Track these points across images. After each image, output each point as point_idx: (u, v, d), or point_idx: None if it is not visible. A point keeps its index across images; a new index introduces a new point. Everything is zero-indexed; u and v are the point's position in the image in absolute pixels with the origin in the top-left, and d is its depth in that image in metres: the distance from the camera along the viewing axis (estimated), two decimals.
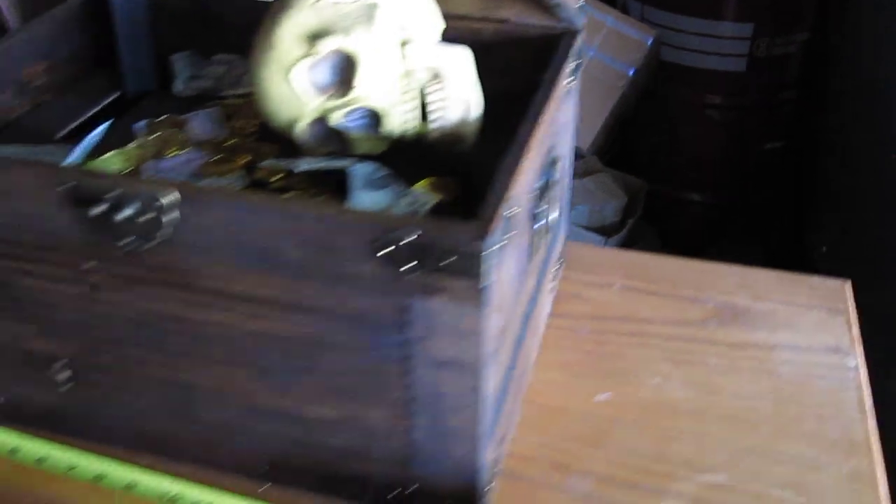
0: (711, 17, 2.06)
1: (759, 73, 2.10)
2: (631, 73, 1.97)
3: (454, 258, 0.47)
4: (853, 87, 1.90)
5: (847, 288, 0.81)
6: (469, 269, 0.47)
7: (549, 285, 0.77)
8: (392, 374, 0.54)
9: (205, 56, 0.79)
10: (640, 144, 2.28)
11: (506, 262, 0.52)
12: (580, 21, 0.69)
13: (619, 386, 0.71)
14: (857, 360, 0.74)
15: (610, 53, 1.97)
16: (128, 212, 0.52)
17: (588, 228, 1.89)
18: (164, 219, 0.52)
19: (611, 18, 1.98)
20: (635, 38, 1.97)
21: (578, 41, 0.68)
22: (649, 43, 1.97)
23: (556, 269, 0.79)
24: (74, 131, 0.73)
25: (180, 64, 0.77)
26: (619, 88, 1.96)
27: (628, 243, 1.93)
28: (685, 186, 2.30)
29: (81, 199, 0.53)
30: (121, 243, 0.54)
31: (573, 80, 0.69)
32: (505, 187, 0.50)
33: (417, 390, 0.54)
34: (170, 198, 0.51)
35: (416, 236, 0.47)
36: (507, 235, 0.51)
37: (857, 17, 1.95)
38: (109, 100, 0.76)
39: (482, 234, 0.47)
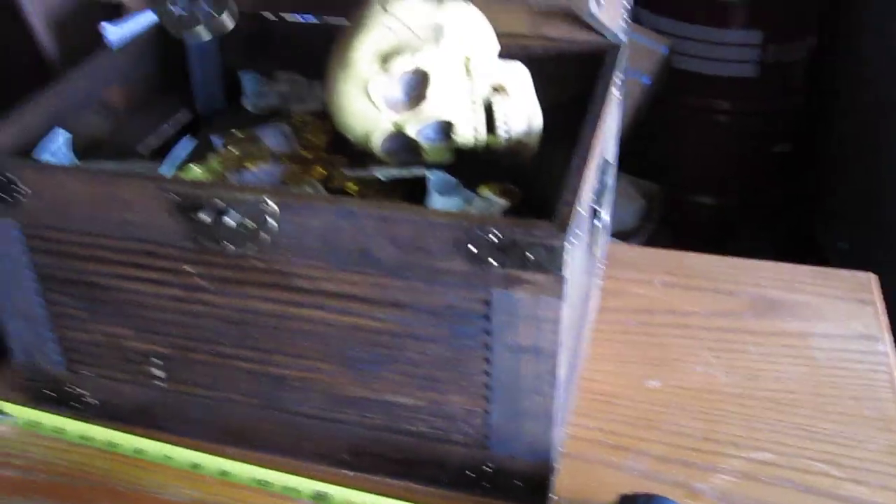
0: (720, 25, 2.12)
1: (768, 78, 2.15)
2: (645, 80, 2.02)
3: (535, 253, 0.53)
4: (861, 88, 1.95)
5: (874, 280, 0.87)
6: (550, 262, 0.53)
7: (598, 283, 0.82)
8: (473, 361, 0.59)
9: (268, 75, 0.85)
10: (651, 149, 2.33)
11: (577, 256, 0.57)
12: (623, 37, 0.74)
13: (667, 374, 0.77)
14: (887, 346, 0.79)
15: (624, 62, 2.02)
16: (232, 218, 0.57)
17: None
18: (266, 224, 0.57)
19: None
20: (650, 47, 2.03)
21: (623, 56, 0.74)
22: (664, 52, 2.02)
23: (603, 268, 0.84)
24: (154, 147, 0.78)
25: (248, 82, 0.83)
26: (635, 97, 2.02)
27: (647, 246, 1.98)
28: (696, 189, 2.36)
29: (188, 207, 0.58)
30: (224, 247, 0.59)
31: (619, 91, 0.74)
32: (576, 188, 0.56)
33: (496, 376, 0.59)
34: (272, 204, 0.56)
35: (501, 233, 0.53)
36: (579, 231, 0.56)
37: (861, 22, 2.01)
38: (182, 117, 0.82)
39: (562, 229, 0.52)
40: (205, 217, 0.58)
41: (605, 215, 0.71)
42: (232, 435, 0.69)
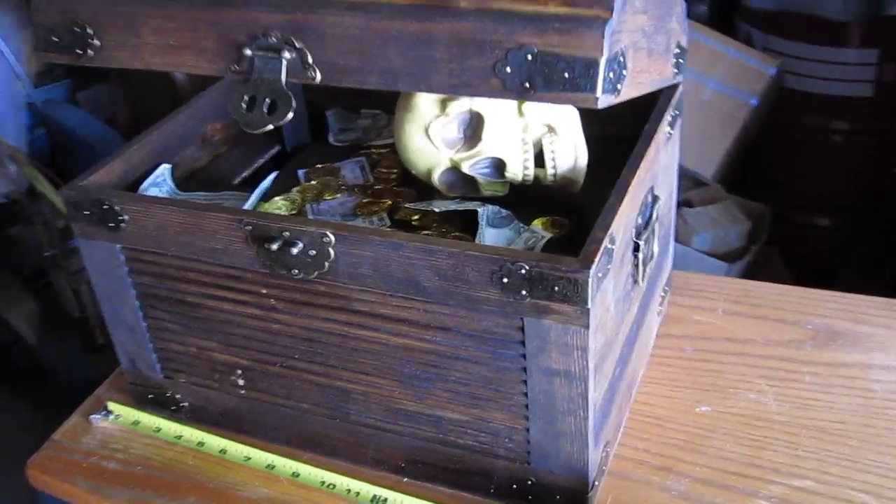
0: (836, 44, 2.09)
1: (886, 97, 2.10)
2: (753, 102, 2.01)
3: (561, 286, 0.57)
4: None
5: None
6: (574, 294, 0.58)
7: (657, 309, 0.85)
8: (512, 382, 0.64)
9: (354, 110, 0.92)
10: (765, 171, 2.31)
11: (608, 288, 0.62)
12: (679, 77, 0.78)
13: (718, 399, 0.79)
14: None
15: (732, 84, 2.02)
16: (298, 247, 0.64)
17: (711, 255, 1.93)
18: (326, 253, 0.64)
19: (732, 49, 2.03)
20: (757, 68, 2.02)
21: (676, 97, 0.77)
22: (772, 73, 2.01)
23: (663, 297, 0.88)
24: (246, 178, 0.86)
25: (332, 119, 0.91)
26: (741, 118, 2.01)
27: (752, 269, 1.97)
28: (812, 211, 2.32)
29: (261, 237, 0.66)
30: (292, 273, 0.66)
31: (671, 130, 0.78)
32: (606, 225, 0.60)
33: (533, 397, 0.64)
34: (330, 236, 0.63)
35: (529, 268, 0.58)
36: (608, 266, 0.60)
37: None
38: (272, 152, 0.90)
39: (585, 265, 0.57)
40: (276, 246, 0.65)
41: (654, 246, 0.74)
42: (303, 440, 0.77)
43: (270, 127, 0.64)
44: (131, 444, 0.81)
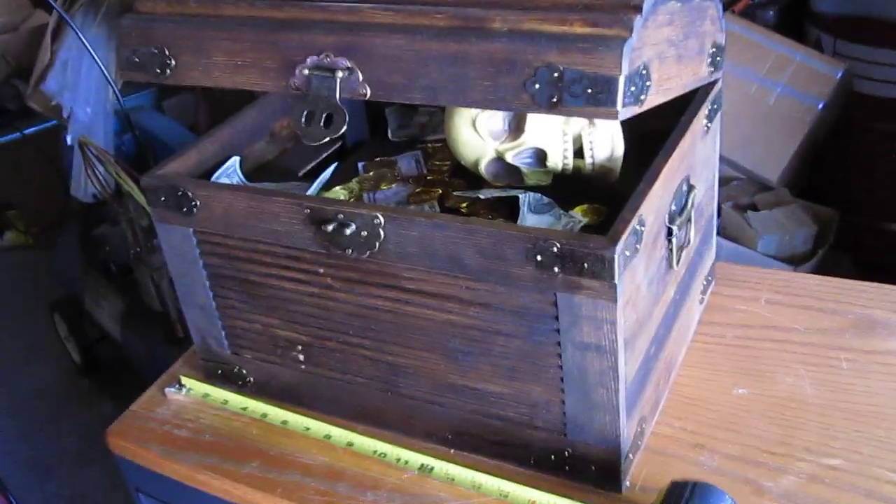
0: None
1: None
2: (820, 106, 2.01)
3: (590, 262, 0.62)
4: None
5: None
6: (602, 270, 0.62)
7: (698, 297, 0.89)
8: (547, 355, 0.69)
9: (409, 108, 0.98)
10: (833, 176, 2.29)
11: (637, 267, 0.66)
12: (717, 74, 0.81)
13: (756, 383, 0.82)
14: None
15: (799, 87, 2.02)
16: (351, 228, 0.70)
17: (776, 258, 1.94)
18: (377, 234, 0.69)
19: (799, 54, 2.03)
20: (824, 72, 2.01)
21: (714, 92, 0.80)
22: (839, 76, 2.00)
23: (706, 286, 0.91)
24: (310, 171, 0.93)
25: (391, 116, 0.96)
26: (807, 122, 2.01)
27: (819, 272, 1.96)
28: (883, 216, 2.29)
29: (318, 219, 0.71)
30: (346, 253, 0.72)
31: (709, 123, 0.81)
32: (635, 207, 0.64)
33: (567, 369, 0.68)
34: (381, 217, 0.69)
35: (560, 245, 0.62)
36: (637, 245, 0.64)
37: None
38: (335, 147, 0.96)
39: (612, 243, 0.61)
40: (331, 227, 0.71)
41: (690, 234, 0.78)
42: (357, 413, 0.82)
43: (327, 139, 0.70)
44: (201, 414, 0.87)
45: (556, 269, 0.64)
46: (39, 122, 2.64)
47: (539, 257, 0.64)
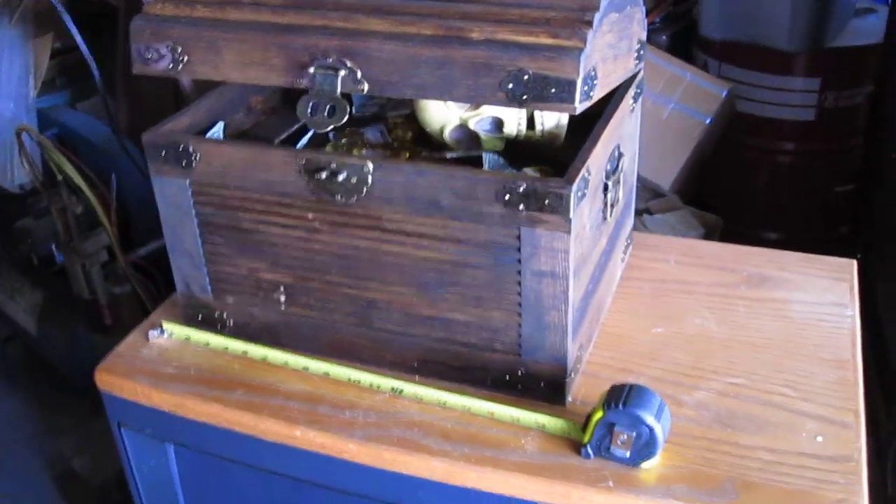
0: (783, 72, 2.31)
1: (828, 122, 2.33)
2: (707, 122, 2.23)
3: (550, 199, 0.75)
4: None
5: (853, 265, 1.06)
6: (559, 206, 0.76)
7: (621, 256, 1.04)
8: (509, 284, 0.82)
9: None
10: (719, 187, 2.52)
11: (584, 209, 0.80)
12: (640, 65, 0.97)
13: (670, 323, 0.98)
14: (854, 311, 0.98)
15: (688, 104, 2.23)
16: (342, 175, 0.82)
17: None
18: (365, 180, 0.81)
19: (689, 74, 2.25)
20: (711, 91, 2.24)
21: (637, 78, 0.96)
22: (724, 95, 2.23)
23: (626, 247, 1.06)
24: (284, 140, 1.04)
25: (355, 96, 1.09)
26: (696, 136, 2.23)
27: None
28: (762, 225, 2.53)
29: (312, 168, 0.83)
30: (335, 198, 0.83)
31: (634, 103, 0.97)
32: (584, 158, 0.79)
33: (525, 295, 0.82)
34: (370, 165, 0.81)
35: (526, 185, 0.76)
36: (585, 190, 0.79)
37: None
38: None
39: (569, 182, 0.75)
40: (324, 175, 0.82)
41: (620, 194, 0.93)
42: (332, 349, 0.93)
43: (331, 127, 0.81)
44: (184, 355, 0.97)
45: (521, 207, 0.77)
46: None
47: (507, 196, 0.77)
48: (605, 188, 0.88)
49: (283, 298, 0.93)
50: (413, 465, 0.82)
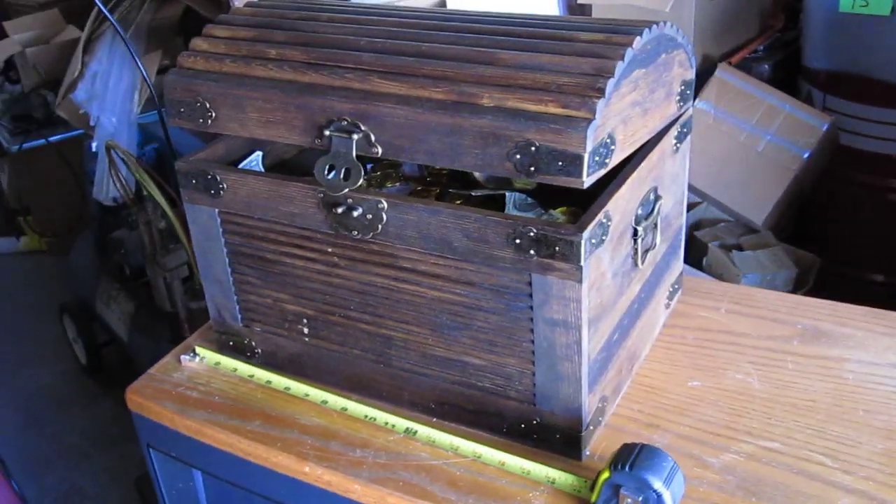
0: (893, 106, 2.19)
1: None
2: (806, 155, 2.12)
3: (561, 246, 0.72)
4: None
5: None
6: (571, 254, 0.72)
7: (664, 302, 0.99)
8: (522, 330, 0.79)
9: None
10: (821, 225, 2.40)
11: (602, 256, 0.76)
12: (686, 106, 0.92)
13: (709, 377, 0.92)
14: None
15: (786, 137, 2.13)
16: (358, 211, 0.80)
17: None
18: (380, 217, 0.80)
19: (788, 105, 2.15)
20: (811, 123, 2.13)
21: (683, 118, 0.92)
22: (825, 128, 2.12)
23: (672, 292, 1.01)
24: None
25: None
26: (793, 170, 2.12)
27: None
28: (867, 267, 2.39)
29: (330, 202, 0.82)
30: (352, 234, 0.82)
31: (678, 143, 0.92)
32: (602, 204, 0.75)
33: (538, 343, 0.78)
34: (384, 203, 0.79)
35: (536, 231, 0.73)
36: (602, 237, 0.75)
37: None
38: None
39: (580, 230, 0.72)
40: (340, 210, 0.81)
41: (656, 240, 0.88)
42: (352, 383, 0.92)
43: (346, 190, 0.81)
44: (212, 380, 0.97)
45: (531, 252, 0.74)
46: (64, 130, 2.76)
47: (518, 241, 0.74)
48: (635, 233, 0.83)
49: (306, 331, 0.93)
50: None
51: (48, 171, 3.12)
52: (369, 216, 0.81)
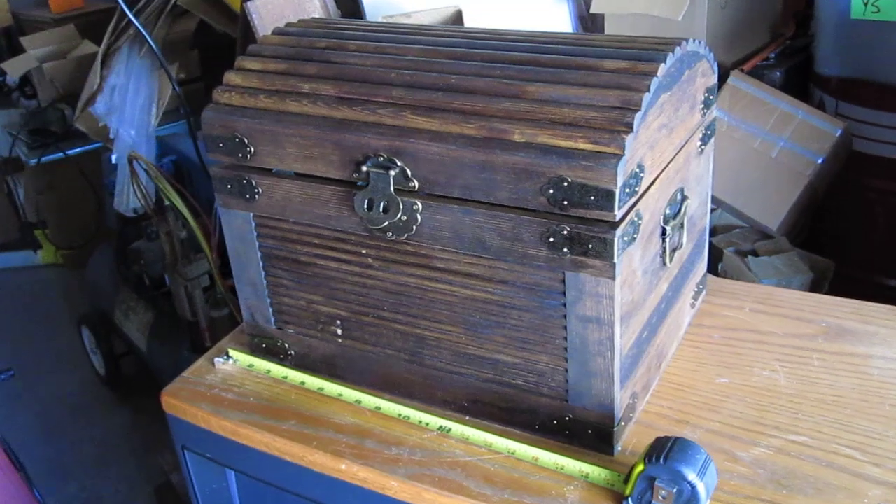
0: None
1: None
2: (820, 161, 2.14)
3: (594, 244, 0.74)
4: None
5: None
6: (604, 251, 0.74)
7: (690, 302, 1.00)
8: (554, 328, 0.80)
9: None
10: (836, 230, 2.41)
11: (634, 253, 0.78)
12: (709, 112, 0.94)
13: (736, 374, 0.93)
14: None
15: (800, 143, 2.15)
16: (393, 219, 0.82)
17: None
18: (415, 218, 0.82)
19: (801, 111, 2.16)
20: (824, 129, 2.14)
21: (709, 118, 0.93)
22: (838, 134, 2.13)
23: (697, 292, 1.03)
24: None
25: None
26: (807, 175, 2.14)
27: None
28: (881, 271, 2.40)
29: (364, 205, 0.84)
30: (387, 235, 0.84)
31: (703, 145, 0.94)
32: (634, 203, 0.77)
33: (571, 340, 0.80)
34: (419, 204, 0.81)
35: (570, 229, 0.74)
36: (634, 235, 0.77)
37: None
38: None
39: (613, 228, 0.73)
40: (375, 213, 0.83)
41: (684, 238, 0.90)
42: (386, 383, 0.94)
43: (387, 223, 0.83)
44: (246, 382, 0.99)
45: (565, 250, 0.76)
46: (82, 144, 2.79)
47: (551, 239, 0.76)
48: (664, 232, 0.85)
49: (339, 332, 0.94)
50: None
51: (65, 184, 3.15)
52: (404, 218, 0.82)
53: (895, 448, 0.82)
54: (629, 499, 0.76)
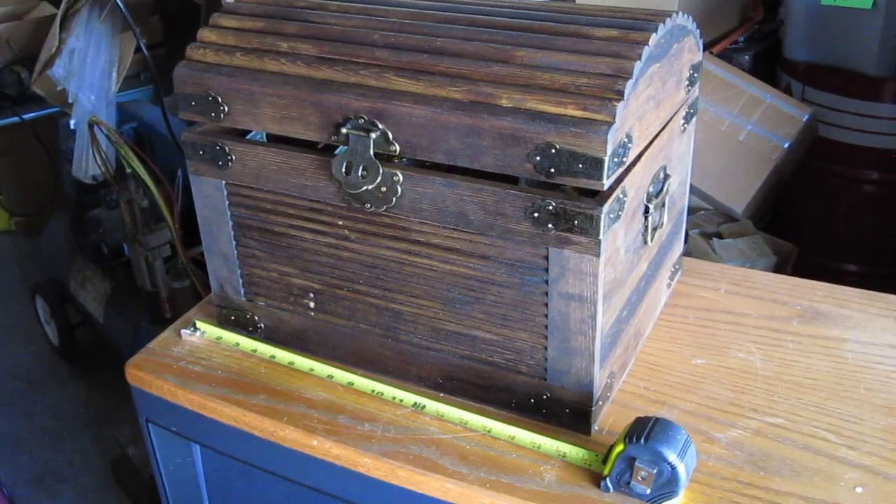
0: (870, 98, 2.22)
1: None
2: (786, 146, 2.15)
3: (580, 220, 0.72)
4: None
5: None
6: (589, 227, 0.72)
7: (666, 282, 1.00)
8: (535, 304, 0.79)
9: None
10: (798, 214, 2.43)
11: (618, 231, 0.77)
12: (693, 89, 0.93)
13: (712, 356, 0.93)
14: None
15: (767, 127, 2.16)
16: (372, 184, 0.80)
17: None
18: (395, 190, 0.80)
19: (770, 96, 2.17)
20: (792, 114, 2.16)
21: (690, 99, 0.92)
22: (805, 119, 2.15)
23: (673, 272, 1.02)
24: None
25: None
26: (773, 160, 2.15)
27: None
28: (841, 257, 2.43)
29: (342, 168, 0.81)
30: (365, 206, 0.82)
31: (686, 124, 0.93)
32: (620, 179, 0.75)
33: (552, 317, 0.78)
34: (399, 175, 0.79)
35: (555, 204, 0.73)
36: (619, 212, 0.75)
37: None
38: None
39: (599, 204, 0.72)
40: (354, 178, 0.81)
41: (665, 217, 0.89)
42: (359, 358, 0.92)
43: (364, 190, 0.80)
44: (214, 354, 0.96)
45: (549, 226, 0.74)
46: (38, 108, 2.71)
47: (536, 214, 0.74)
48: (646, 210, 0.84)
49: (312, 305, 0.92)
50: (427, 485, 0.80)
51: (20, 149, 3.06)
52: (384, 189, 0.80)
53: (870, 431, 0.83)
54: (607, 479, 0.75)
